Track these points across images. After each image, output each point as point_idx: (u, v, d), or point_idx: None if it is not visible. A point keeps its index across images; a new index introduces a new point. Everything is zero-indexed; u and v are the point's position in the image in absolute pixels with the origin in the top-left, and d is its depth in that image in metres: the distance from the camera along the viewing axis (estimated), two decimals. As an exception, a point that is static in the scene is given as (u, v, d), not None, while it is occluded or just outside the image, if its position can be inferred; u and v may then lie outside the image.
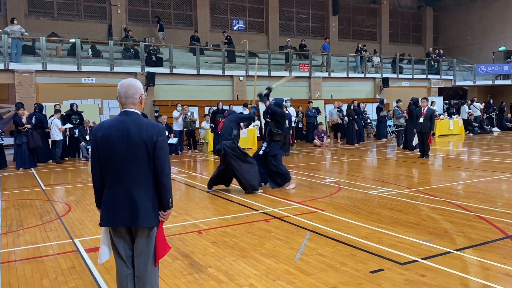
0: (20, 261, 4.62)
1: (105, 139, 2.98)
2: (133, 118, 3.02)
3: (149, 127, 3.00)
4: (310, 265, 4.27)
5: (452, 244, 4.79)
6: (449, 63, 28.33)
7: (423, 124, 12.23)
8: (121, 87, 3.09)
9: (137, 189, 2.98)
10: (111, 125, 3.02)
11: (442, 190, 7.92)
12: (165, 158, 3.03)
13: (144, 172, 2.99)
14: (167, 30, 23.15)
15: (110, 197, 3.02)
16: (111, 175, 3.01)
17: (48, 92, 16.41)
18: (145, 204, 2.99)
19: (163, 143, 3.02)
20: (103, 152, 3.00)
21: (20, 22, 17.61)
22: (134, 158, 2.96)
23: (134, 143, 2.95)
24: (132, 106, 3.08)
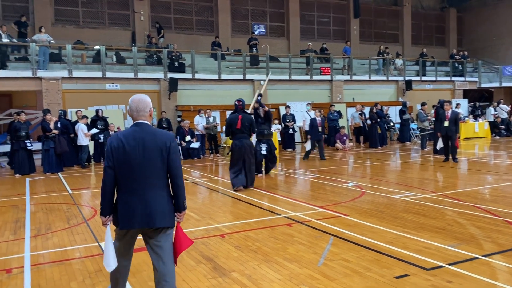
0: (48, 264, 4.74)
1: (121, 148, 3.25)
2: (146, 128, 3.33)
3: (163, 135, 3.34)
4: (334, 270, 4.25)
5: (480, 250, 4.69)
6: (474, 64, 27.77)
7: (448, 128, 11.97)
8: (132, 102, 3.40)
9: (153, 191, 3.25)
10: (126, 135, 3.31)
11: (468, 194, 7.76)
12: (178, 161, 3.34)
13: (159, 176, 3.28)
14: (189, 36, 23.45)
15: (127, 201, 3.26)
16: (128, 180, 3.26)
17: (74, 98, 16.80)
18: (161, 206, 3.26)
19: (176, 148, 3.34)
20: (120, 160, 3.25)
21: (47, 30, 18.10)
22: (150, 163, 3.24)
23: (150, 149, 3.25)
24: (143, 118, 3.37)
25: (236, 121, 8.93)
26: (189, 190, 9.36)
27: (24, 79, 16.12)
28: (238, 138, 8.93)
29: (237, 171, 8.87)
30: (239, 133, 8.94)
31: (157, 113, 17.85)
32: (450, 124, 11.95)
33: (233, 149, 8.98)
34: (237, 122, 8.91)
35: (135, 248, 5.09)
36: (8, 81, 15.87)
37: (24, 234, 5.98)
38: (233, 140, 9.02)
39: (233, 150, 8.98)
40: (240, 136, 8.93)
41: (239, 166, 8.87)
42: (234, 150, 8.93)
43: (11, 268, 4.62)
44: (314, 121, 13.93)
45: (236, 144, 8.91)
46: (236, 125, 8.91)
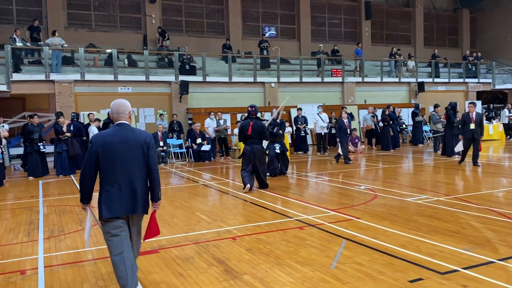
0: (62, 266, 4.77)
1: (106, 145, 3.71)
2: (127, 127, 3.84)
3: (142, 134, 3.89)
4: (346, 273, 4.21)
5: (495, 254, 4.61)
6: (487, 66, 27.45)
7: (475, 130, 11.39)
8: (113, 106, 3.91)
9: (135, 182, 3.75)
10: (110, 134, 3.79)
11: (483, 197, 7.65)
12: (155, 157, 3.92)
13: (140, 169, 3.79)
14: (200, 39, 23.56)
15: (112, 192, 3.71)
16: (114, 173, 3.71)
17: (86, 101, 16.96)
18: (142, 195, 3.80)
19: (153, 145, 3.89)
20: (105, 155, 3.70)
21: (60, 34, 18.32)
22: (132, 157, 3.75)
23: (132, 146, 3.77)
24: (123, 119, 3.88)
25: (248, 127, 9.13)
26: (200, 192, 9.37)
27: (37, 82, 16.34)
28: (249, 144, 9.15)
29: (248, 172, 9.12)
30: (250, 138, 9.15)
31: (168, 115, 17.94)
32: (476, 126, 11.39)
33: (244, 154, 9.24)
34: (248, 128, 9.11)
35: (147, 250, 5.13)
36: (21, 84, 16.09)
37: (38, 236, 6.03)
38: (245, 145, 9.27)
39: (244, 155, 9.23)
40: (251, 141, 9.14)
41: (249, 169, 9.13)
42: (245, 155, 9.16)
43: (25, 270, 4.66)
44: (342, 123, 13.36)
45: (247, 150, 9.14)
46: (247, 131, 9.11)
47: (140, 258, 4.87)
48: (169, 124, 17.03)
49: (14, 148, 17.13)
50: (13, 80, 15.80)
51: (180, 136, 16.73)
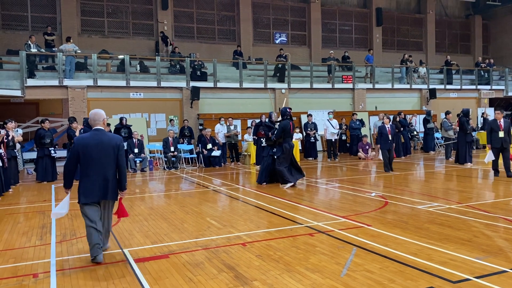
0: (73, 269, 4.82)
1: (85, 146, 4.91)
2: (102, 132, 5.06)
3: (114, 137, 5.07)
4: (357, 281, 4.19)
5: (508, 263, 4.55)
6: (500, 72, 27.19)
7: (504, 139, 10.79)
8: (91, 114, 5.19)
9: (107, 176, 4.93)
10: (89, 137, 5.00)
11: (496, 205, 7.56)
12: (123, 156, 5.08)
13: (111, 165, 4.97)
14: (211, 46, 23.72)
15: (89, 183, 4.92)
16: (91, 168, 4.90)
17: (99, 106, 16.88)
18: (112, 186, 4.99)
19: (123, 147, 5.08)
20: (84, 154, 4.90)
21: (74, 40, 18.61)
22: (106, 156, 4.93)
23: (105, 147, 4.93)
24: (99, 125, 5.09)
25: (289, 127, 10.38)
26: (210, 198, 9.40)
27: (50, 88, 16.58)
28: (288, 142, 10.38)
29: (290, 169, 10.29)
30: (288, 136, 10.42)
31: (179, 121, 18.06)
32: (505, 134, 10.80)
33: (284, 151, 10.28)
34: (290, 128, 10.38)
35: (157, 255, 5.16)
36: (35, 89, 16.33)
37: (50, 240, 6.10)
38: (284, 143, 10.32)
39: (284, 152, 10.28)
40: (289, 139, 10.43)
41: (288, 164, 10.31)
42: (286, 152, 10.27)
43: (37, 273, 4.72)
44: (383, 129, 12.79)
45: (286, 147, 10.28)
46: (290, 130, 10.38)
47: (150, 262, 4.92)
48: (180, 130, 17.13)
49: (28, 153, 17.37)
50: (27, 85, 16.06)
51: (190, 142, 16.82)
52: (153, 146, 16.69)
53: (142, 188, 11.43)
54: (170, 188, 11.10)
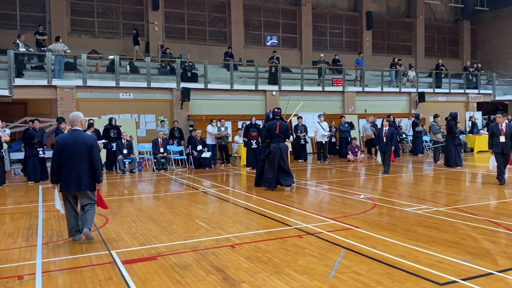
0: (60, 271, 4.76)
1: (64, 144, 5.79)
2: (78, 132, 5.89)
3: (88, 137, 5.90)
4: (345, 283, 4.20)
5: (495, 265, 4.60)
6: (488, 77, 27.54)
7: (505, 144, 10.18)
8: (70, 116, 6.01)
9: (81, 170, 5.76)
10: (67, 137, 5.87)
11: (482, 208, 7.64)
12: (97, 153, 5.86)
13: (85, 161, 5.78)
14: (202, 47, 23.68)
15: (66, 176, 5.77)
16: (68, 163, 5.75)
17: (88, 106, 17.02)
18: (86, 179, 5.80)
19: (96, 145, 5.87)
20: (63, 151, 5.77)
21: (63, 40, 18.45)
22: (80, 153, 5.76)
23: (81, 145, 5.76)
24: (77, 126, 5.92)
25: (275, 127, 10.15)
26: (199, 199, 9.37)
27: (39, 88, 16.42)
28: (276, 142, 10.09)
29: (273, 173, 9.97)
30: (276, 137, 10.13)
31: (169, 122, 17.97)
32: (507, 139, 10.18)
33: (270, 152, 10.02)
34: (275, 128, 10.13)
35: (145, 257, 5.13)
36: (23, 89, 16.16)
37: (37, 241, 6.02)
38: (271, 144, 10.11)
39: (270, 153, 10.02)
40: (277, 140, 10.11)
41: (274, 168, 9.96)
42: (272, 153, 9.98)
43: (22, 275, 4.65)
44: (380, 131, 13.23)
45: (273, 147, 10.01)
46: (275, 130, 10.12)
47: (137, 264, 4.88)
48: (170, 131, 17.06)
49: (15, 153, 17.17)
50: (15, 85, 15.88)
51: (180, 143, 16.76)
52: (142, 147, 16.60)
53: (131, 190, 11.35)
54: (159, 190, 11.04)
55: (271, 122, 10.30)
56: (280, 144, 10.09)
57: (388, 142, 13.00)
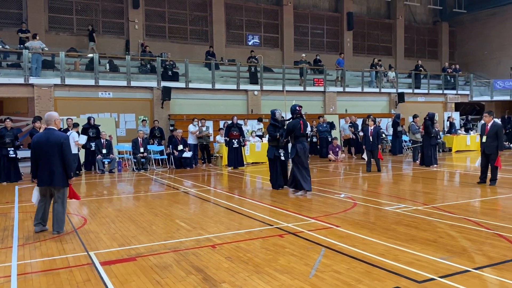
0: (36, 273, 4.66)
1: (38, 143, 6.22)
2: (51, 131, 6.26)
3: (60, 135, 6.23)
4: (325, 282, 4.22)
5: (471, 263, 4.68)
6: (465, 78, 28.10)
7: (486, 144, 9.93)
8: (45, 116, 6.41)
9: (53, 167, 6.13)
10: (41, 136, 6.29)
11: (460, 207, 7.78)
12: (68, 151, 6.21)
13: (56, 158, 6.13)
14: (183, 46, 23.51)
15: (40, 172, 6.21)
16: (42, 160, 6.16)
17: (66, 105, 16.72)
18: (58, 175, 6.15)
19: (66, 143, 6.19)
20: (37, 149, 6.20)
21: (41, 37, 18.06)
22: (52, 151, 6.13)
23: (52, 143, 6.13)
24: (51, 125, 6.31)
25: (299, 126, 9.40)
26: (180, 200, 9.30)
27: (16, 86, 16.05)
28: (301, 142, 9.43)
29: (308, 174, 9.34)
30: (301, 136, 9.46)
31: (150, 121, 17.79)
32: (488, 139, 9.88)
33: (298, 152, 9.31)
34: (300, 127, 9.40)
35: (124, 258, 5.06)
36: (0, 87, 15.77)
37: (12, 243, 5.89)
38: (296, 144, 9.40)
39: (298, 153, 9.31)
40: (302, 139, 9.48)
41: (308, 168, 9.39)
42: (300, 153, 9.31)
43: (-3, 278, 4.53)
44: (366, 131, 13.49)
45: (300, 148, 9.33)
46: (300, 129, 9.40)
47: (116, 265, 4.82)
48: (150, 130, 16.89)
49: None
50: (-10, 83, 15.49)
51: (161, 143, 16.60)
52: (122, 147, 16.39)
53: (110, 190, 11.20)
54: (139, 190, 10.92)
55: (295, 121, 9.50)
56: (305, 144, 9.52)
57: (375, 141, 13.23)
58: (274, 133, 10.11)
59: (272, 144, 10.23)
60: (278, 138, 10.10)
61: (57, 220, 6.26)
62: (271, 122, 10.37)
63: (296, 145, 9.41)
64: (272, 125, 10.25)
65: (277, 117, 10.40)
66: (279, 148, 10.17)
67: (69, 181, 6.27)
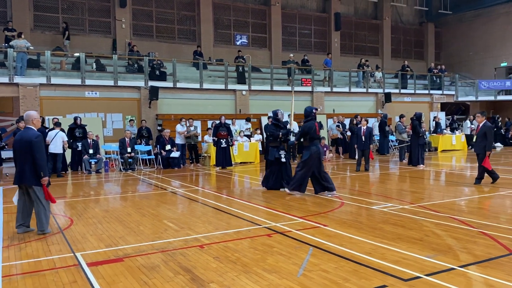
0: (21, 275, 4.60)
1: (15, 141, 6.29)
2: (28, 130, 6.27)
3: (32, 134, 6.17)
4: (313, 281, 4.24)
5: (456, 261, 4.75)
6: (451, 78, 28.43)
7: (476, 144, 10.10)
8: (24, 115, 6.46)
9: (24, 165, 6.15)
10: (18, 135, 6.32)
11: (445, 205, 7.88)
12: (38, 150, 6.12)
13: (28, 157, 6.12)
14: (171, 45, 23.39)
15: (15, 170, 6.28)
16: (16, 158, 6.26)
17: (52, 105, 16.52)
18: (28, 173, 6.13)
19: (37, 143, 6.13)
20: (13, 148, 6.28)
21: (26, 36, 17.81)
22: (23, 150, 6.15)
23: (25, 142, 6.14)
24: (29, 124, 6.32)
25: (315, 128, 9.28)
26: (168, 200, 9.26)
27: (0, 85, 15.79)
28: (315, 144, 9.30)
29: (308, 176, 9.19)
30: (316, 138, 9.36)
31: (137, 121, 17.66)
32: (478, 139, 10.01)
33: (312, 154, 9.15)
34: (315, 129, 9.28)
35: (111, 259, 5.03)
36: (-17, 86, 15.52)
37: (-4, 244, 5.80)
38: (311, 146, 9.23)
39: (312, 156, 9.15)
40: (316, 142, 9.35)
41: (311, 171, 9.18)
42: (314, 156, 9.15)
43: (-19, 280, 4.47)
44: (358, 131, 13.66)
45: (315, 151, 9.17)
46: (316, 131, 9.29)
47: (103, 266, 4.78)
48: (138, 130, 16.78)
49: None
50: (-26, 82, 15.23)
51: (148, 143, 16.51)
52: (109, 147, 16.26)
53: (97, 190, 11.10)
54: (127, 190, 10.84)
55: (310, 123, 9.30)
56: (319, 146, 9.36)
57: (367, 141, 13.44)
58: (276, 132, 9.89)
59: (273, 145, 9.98)
60: (280, 137, 9.91)
61: (38, 219, 6.23)
62: (272, 122, 10.15)
63: (310, 147, 9.21)
64: (274, 125, 10.05)
65: (280, 117, 10.16)
66: (279, 150, 9.93)
67: (41, 181, 6.16)
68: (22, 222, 6.34)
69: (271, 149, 9.99)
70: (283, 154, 9.95)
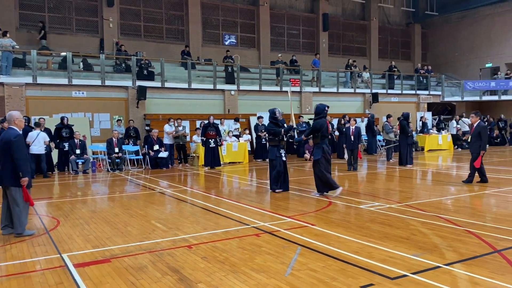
0: (6, 277, 4.54)
1: None
2: (9, 130, 6.21)
3: (11, 134, 6.11)
4: (301, 280, 4.26)
5: (442, 259, 4.81)
6: (437, 79, 28.75)
7: (471, 144, 10.20)
8: (6, 115, 6.46)
9: (4, 166, 6.08)
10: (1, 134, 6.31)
11: (432, 204, 7.97)
12: (17, 150, 6.04)
13: (8, 157, 6.03)
14: (159, 45, 23.27)
15: None
16: None
17: (38, 105, 16.33)
18: (6, 173, 6.06)
19: (16, 143, 6.05)
20: None
21: (11, 35, 17.56)
22: (5, 150, 6.05)
23: (4, 142, 6.07)
24: (12, 124, 6.26)
25: (326, 126, 9.14)
26: (156, 200, 9.21)
27: (-16, 85, 15.57)
28: (326, 143, 9.18)
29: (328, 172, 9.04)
30: (327, 137, 9.25)
31: (125, 121, 17.55)
32: (472, 139, 10.13)
33: (325, 153, 9.02)
34: (327, 127, 9.16)
35: (98, 260, 4.99)
36: (-33, 86, 15.28)
37: (-19, 246, 5.72)
38: (322, 145, 9.07)
39: (326, 155, 9.02)
40: (326, 140, 9.22)
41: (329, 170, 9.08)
42: (326, 155, 9.03)
43: (-35, 282, 4.40)
44: (347, 130, 13.91)
45: (325, 149, 9.05)
46: (327, 129, 9.17)
47: (90, 267, 4.75)
48: (125, 130, 16.66)
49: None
50: (-42, 81, 14.98)
51: (136, 143, 16.41)
52: (96, 147, 16.12)
53: (84, 191, 11.00)
54: (114, 191, 10.76)
55: (322, 121, 9.14)
56: (328, 145, 9.22)
57: (356, 141, 13.60)
58: (278, 128, 9.67)
59: (273, 144, 9.84)
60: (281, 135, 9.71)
61: (14, 221, 6.12)
62: (270, 121, 9.99)
63: (321, 146, 9.04)
64: (273, 123, 9.90)
65: (277, 115, 10.03)
66: (280, 148, 9.75)
67: (21, 181, 6.04)
68: (7, 223, 6.24)
69: (271, 148, 9.89)
70: (283, 152, 9.83)
